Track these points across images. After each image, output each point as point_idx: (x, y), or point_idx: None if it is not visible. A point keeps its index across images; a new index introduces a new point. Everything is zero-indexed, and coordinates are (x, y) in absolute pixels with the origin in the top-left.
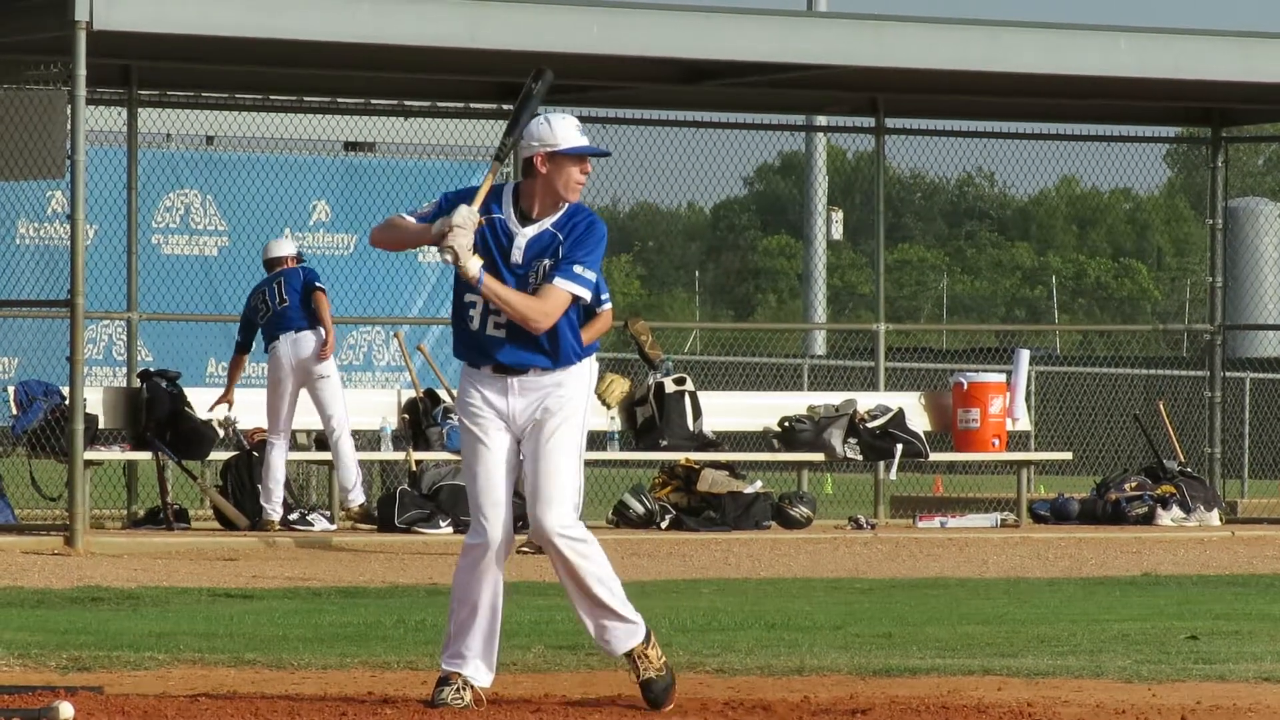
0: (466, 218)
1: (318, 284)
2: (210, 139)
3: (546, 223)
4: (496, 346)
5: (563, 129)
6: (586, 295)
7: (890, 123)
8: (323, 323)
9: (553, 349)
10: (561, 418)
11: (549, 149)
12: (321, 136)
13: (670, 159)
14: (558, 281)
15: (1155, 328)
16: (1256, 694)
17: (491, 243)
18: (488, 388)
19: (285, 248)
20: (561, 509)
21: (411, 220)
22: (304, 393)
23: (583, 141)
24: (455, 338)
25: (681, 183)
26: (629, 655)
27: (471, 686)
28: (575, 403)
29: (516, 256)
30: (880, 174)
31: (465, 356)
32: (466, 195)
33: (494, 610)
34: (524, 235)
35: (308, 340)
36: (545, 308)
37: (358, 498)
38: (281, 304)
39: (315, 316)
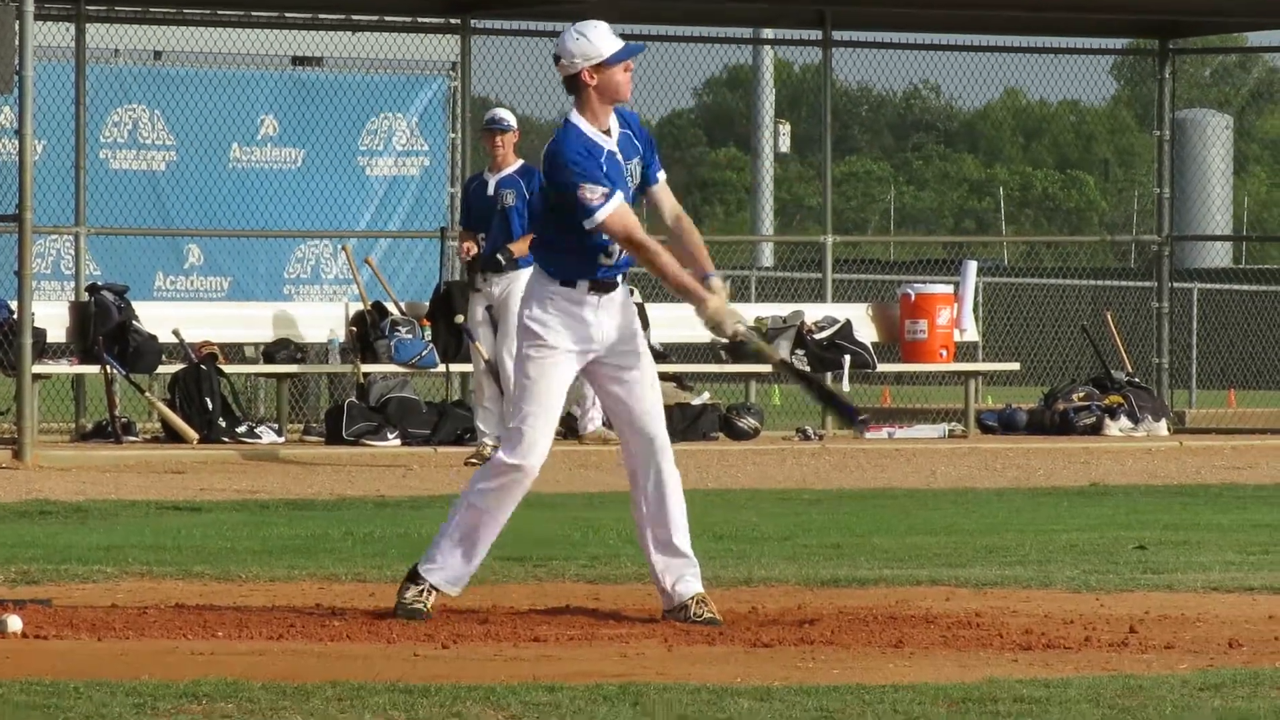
0: (713, 287)
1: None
2: (158, 54)
3: (615, 129)
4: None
5: (602, 39)
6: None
7: (837, 35)
8: None
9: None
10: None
11: (594, 61)
12: (269, 51)
13: None
14: (663, 176)
15: (1103, 239)
16: (1204, 604)
17: (626, 172)
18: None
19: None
20: None
21: (668, 257)
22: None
23: (619, 45)
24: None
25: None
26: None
27: (436, 591)
28: None
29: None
30: (827, 87)
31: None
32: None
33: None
34: (620, 153)
35: None
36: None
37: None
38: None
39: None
